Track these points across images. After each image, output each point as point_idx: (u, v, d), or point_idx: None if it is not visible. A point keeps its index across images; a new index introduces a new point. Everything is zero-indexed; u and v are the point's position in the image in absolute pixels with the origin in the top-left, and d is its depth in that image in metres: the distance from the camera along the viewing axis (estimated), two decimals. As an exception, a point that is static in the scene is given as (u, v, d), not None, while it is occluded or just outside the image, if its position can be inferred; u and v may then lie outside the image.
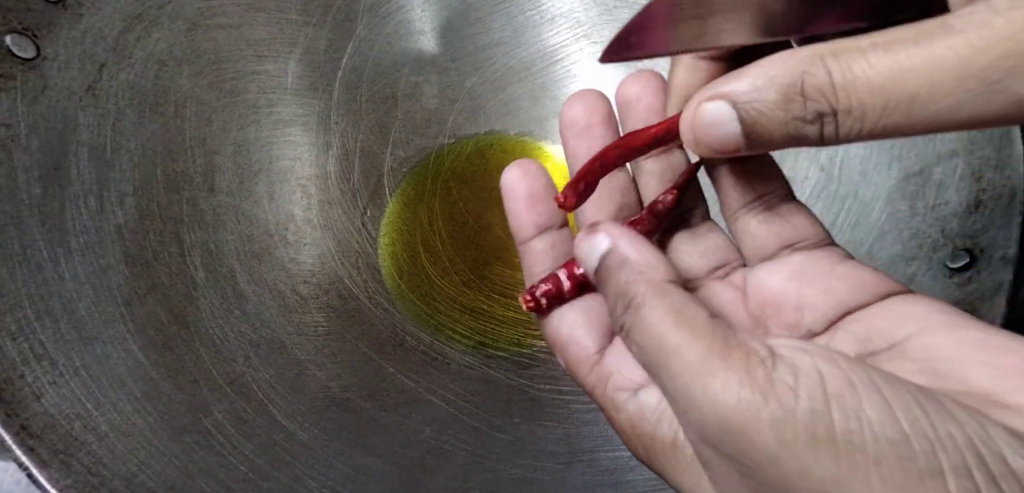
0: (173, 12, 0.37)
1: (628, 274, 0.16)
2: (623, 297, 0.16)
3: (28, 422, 0.27)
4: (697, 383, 0.14)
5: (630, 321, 0.16)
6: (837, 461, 0.12)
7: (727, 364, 0.14)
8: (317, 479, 0.31)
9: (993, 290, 0.31)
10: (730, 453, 0.14)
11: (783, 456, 0.13)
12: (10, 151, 0.30)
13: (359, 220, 0.42)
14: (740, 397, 0.13)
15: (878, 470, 0.12)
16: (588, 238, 0.18)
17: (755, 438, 0.13)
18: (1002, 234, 0.32)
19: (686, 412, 0.15)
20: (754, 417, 0.13)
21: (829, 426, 0.12)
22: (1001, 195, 0.33)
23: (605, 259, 0.17)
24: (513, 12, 0.45)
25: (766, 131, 0.16)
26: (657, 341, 0.15)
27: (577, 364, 0.20)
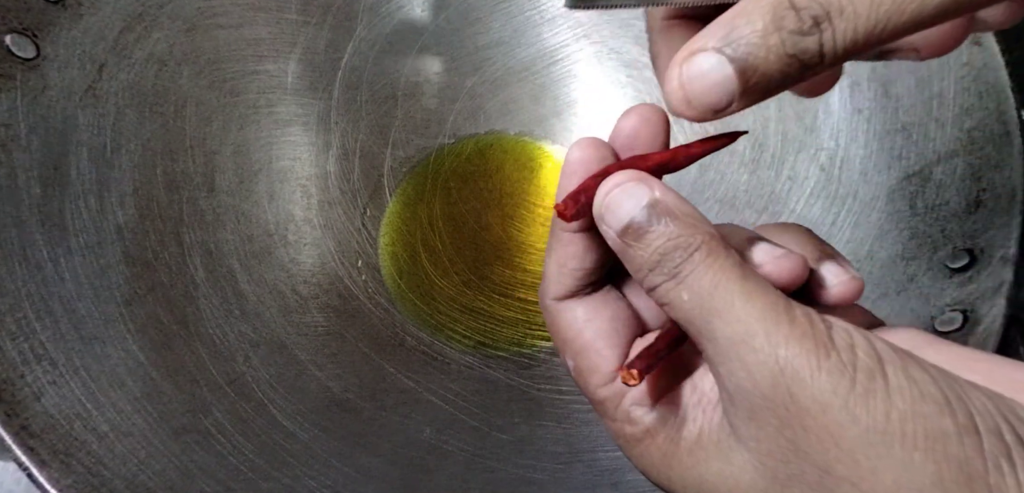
0: (173, 12, 0.37)
1: (683, 224, 0.16)
2: (681, 247, 0.16)
3: (28, 422, 0.27)
4: (759, 330, 0.14)
5: (687, 270, 0.15)
6: (888, 411, 0.13)
7: (790, 319, 0.14)
8: (317, 479, 0.31)
9: (993, 290, 0.31)
10: (778, 401, 0.14)
11: (834, 404, 0.13)
12: (10, 151, 0.30)
13: (359, 220, 0.42)
14: (803, 346, 0.14)
15: (924, 423, 0.13)
16: (626, 186, 0.17)
17: (811, 385, 0.14)
18: (1002, 234, 0.32)
19: (740, 358, 0.15)
20: (814, 366, 0.14)
21: (884, 382, 0.13)
22: (1001, 195, 0.33)
23: (652, 208, 0.16)
24: (513, 12, 0.45)
25: (762, 65, 0.15)
26: (716, 290, 0.15)
27: (590, 373, 0.19)
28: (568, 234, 0.19)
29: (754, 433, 0.15)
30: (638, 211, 0.16)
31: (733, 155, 0.41)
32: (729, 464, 0.16)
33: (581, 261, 0.19)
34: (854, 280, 0.17)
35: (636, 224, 0.16)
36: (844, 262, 0.18)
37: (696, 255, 0.16)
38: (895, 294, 0.34)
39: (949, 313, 0.32)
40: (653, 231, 0.16)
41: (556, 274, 0.19)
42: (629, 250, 0.17)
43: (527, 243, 0.42)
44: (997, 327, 0.30)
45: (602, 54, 0.44)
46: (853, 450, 0.13)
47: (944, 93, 0.35)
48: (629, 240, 0.16)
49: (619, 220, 0.17)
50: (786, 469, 0.14)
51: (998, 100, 0.33)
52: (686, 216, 0.16)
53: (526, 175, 0.44)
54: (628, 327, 0.19)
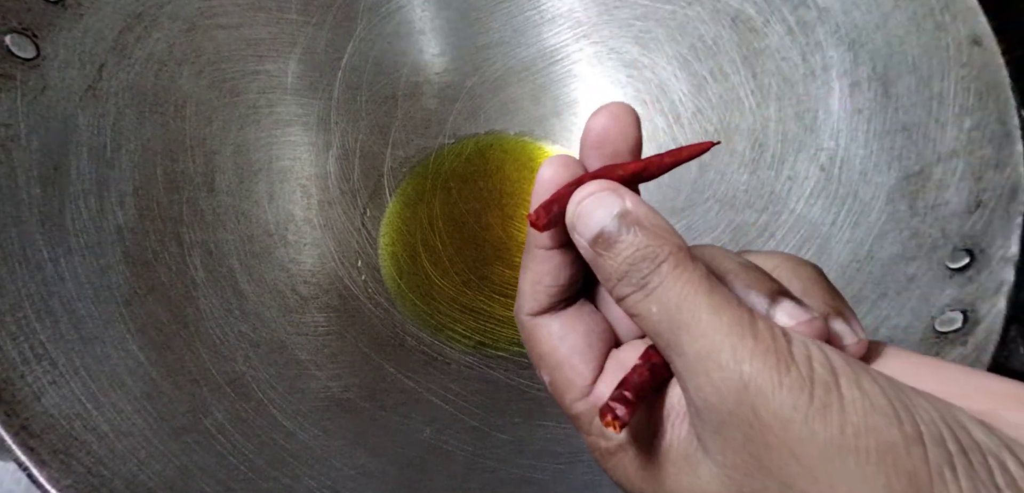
0: (173, 12, 0.37)
1: (652, 235, 0.16)
2: (648, 259, 0.16)
3: (28, 422, 0.27)
4: (726, 345, 0.15)
5: (655, 282, 0.16)
6: (842, 425, 0.13)
7: (754, 333, 0.15)
8: (317, 479, 0.31)
9: (993, 290, 0.31)
10: (743, 417, 0.14)
11: (795, 419, 0.14)
12: (10, 151, 0.30)
13: (359, 220, 0.42)
14: (766, 363, 0.14)
15: (875, 435, 0.13)
16: (598, 196, 0.17)
17: (772, 401, 0.14)
18: (1002, 234, 0.32)
19: (706, 373, 0.15)
20: (776, 383, 0.14)
21: (838, 395, 0.14)
22: (1001, 195, 0.33)
23: (622, 218, 0.16)
24: (513, 12, 0.45)
25: None
26: (683, 303, 0.15)
27: (566, 388, 0.19)
28: (542, 251, 0.19)
29: (720, 447, 0.15)
30: (609, 220, 0.17)
31: (733, 155, 0.41)
32: (697, 478, 0.16)
33: (555, 278, 0.19)
34: (864, 342, 0.18)
35: (607, 233, 0.17)
36: (853, 318, 0.18)
37: (664, 266, 0.16)
38: (895, 294, 0.34)
39: (949, 313, 0.32)
40: (623, 241, 0.16)
41: (530, 291, 0.19)
42: (599, 259, 0.17)
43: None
44: (997, 327, 0.30)
45: (602, 54, 0.44)
46: (812, 465, 0.14)
47: (944, 93, 0.35)
48: (599, 249, 0.17)
49: (590, 229, 0.17)
50: (750, 483, 0.15)
51: (998, 100, 0.33)
52: (655, 227, 0.16)
53: (526, 175, 0.44)
54: (602, 340, 0.19)
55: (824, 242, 0.37)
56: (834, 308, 0.18)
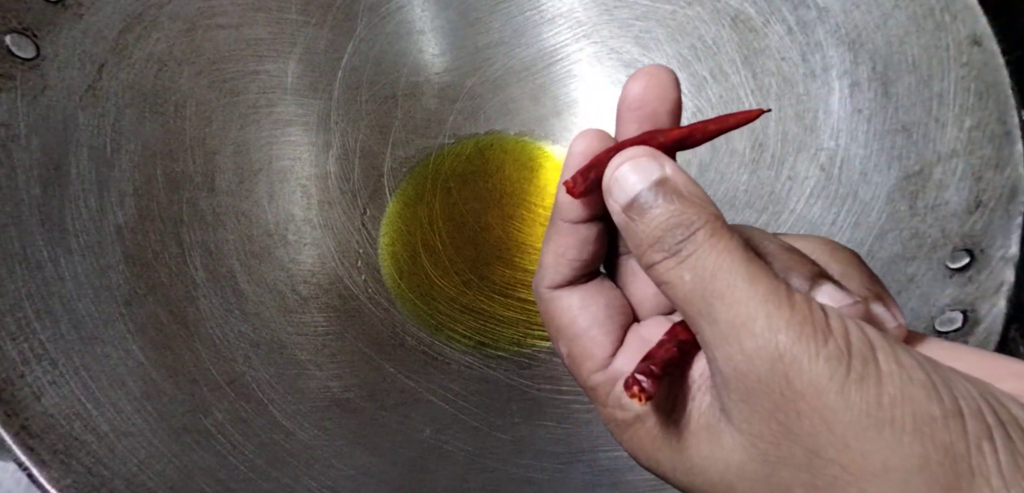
0: (173, 12, 0.37)
1: (689, 203, 0.16)
2: (682, 227, 0.16)
3: (28, 422, 0.27)
4: (760, 313, 0.14)
5: (689, 249, 0.16)
6: (879, 396, 0.13)
7: (791, 304, 0.15)
8: (317, 479, 0.31)
9: (993, 290, 0.31)
10: (774, 385, 0.14)
11: (830, 389, 0.14)
12: (10, 151, 0.30)
13: (359, 220, 0.42)
14: (802, 333, 0.14)
15: (913, 407, 0.13)
16: (636, 161, 0.17)
17: (808, 370, 0.14)
18: (1002, 234, 0.32)
19: (739, 342, 0.15)
20: (813, 353, 0.14)
21: (876, 368, 0.14)
22: (1001, 195, 0.33)
23: (659, 185, 0.16)
24: (513, 12, 0.45)
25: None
26: (719, 271, 0.15)
27: (584, 359, 0.19)
28: (568, 225, 0.19)
29: (747, 416, 0.15)
30: (645, 187, 0.16)
31: (733, 155, 0.41)
32: (719, 447, 0.16)
33: (579, 252, 0.19)
34: (903, 327, 0.18)
35: (642, 201, 0.16)
36: (892, 303, 0.18)
37: (699, 234, 0.16)
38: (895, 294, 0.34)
39: (949, 313, 0.32)
40: (658, 207, 0.16)
41: (553, 263, 0.19)
42: (631, 225, 0.17)
43: (527, 243, 0.42)
44: (997, 327, 0.30)
45: (602, 54, 0.44)
46: (844, 434, 0.14)
47: (944, 93, 0.35)
48: (633, 215, 0.17)
49: (625, 194, 0.17)
50: (776, 451, 0.15)
51: (998, 100, 0.33)
52: (693, 195, 0.16)
53: (526, 175, 0.44)
54: (622, 315, 0.19)
55: (824, 242, 0.37)
56: (874, 292, 0.18)
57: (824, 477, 0.14)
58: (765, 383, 0.14)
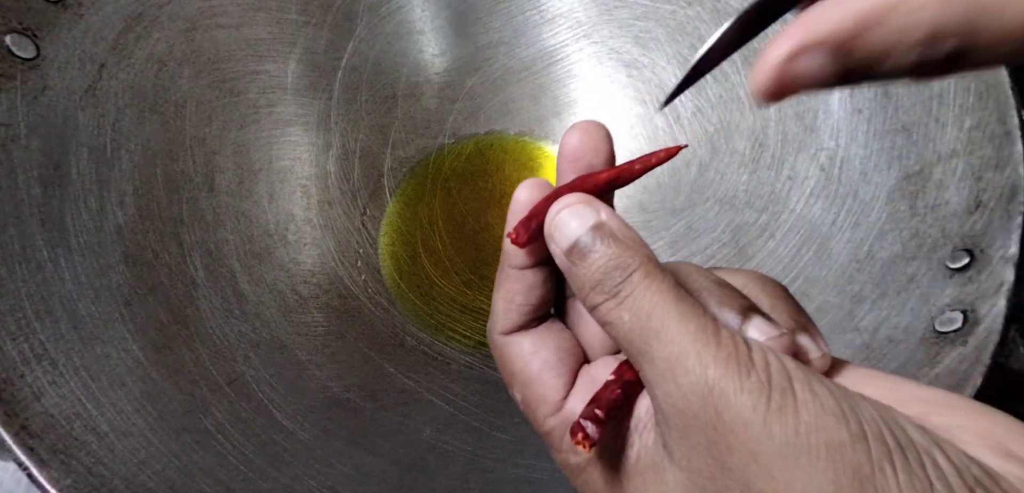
0: (173, 12, 0.37)
1: (624, 246, 0.17)
2: (620, 268, 0.17)
3: (28, 422, 0.27)
4: (692, 351, 0.15)
5: (627, 291, 0.17)
6: (796, 425, 0.14)
7: (718, 341, 0.15)
8: (317, 479, 0.31)
9: (993, 290, 0.31)
10: (707, 420, 0.15)
11: (755, 421, 0.14)
12: (10, 151, 0.30)
13: (359, 220, 0.42)
14: (728, 368, 0.15)
15: (825, 435, 0.14)
16: (573, 208, 0.18)
17: (734, 403, 0.15)
18: (1002, 234, 0.32)
19: (674, 379, 0.15)
20: (738, 387, 0.15)
21: (793, 397, 0.15)
22: (1001, 195, 0.33)
23: (597, 229, 0.17)
24: (513, 12, 0.45)
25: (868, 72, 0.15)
26: (653, 311, 0.16)
27: (538, 404, 0.19)
28: (516, 271, 0.19)
29: (685, 452, 0.16)
30: (583, 232, 0.17)
31: (733, 155, 0.41)
32: (663, 484, 0.17)
33: (527, 297, 0.19)
34: (827, 356, 0.18)
35: (581, 245, 0.17)
36: (817, 334, 0.19)
37: (634, 276, 0.17)
38: (895, 294, 0.34)
39: (949, 313, 0.32)
40: (596, 251, 0.17)
41: (503, 309, 0.20)
42: (574, 269, 0.18)
43: (527, 243, 0.42)
44: (997, 327, 0.30)
45: (602, 54, 0.44)
46: (770, 465, 0.14)
47: (944, 93, 0.35)
48: (574, 259, 0.17)
49: (566, 239, 0.18)
50: (713, 486, 0.15)
51: (998, 100, 0.33)
52: (627, 239, 0.17)
53: (526, 175, 0.44)
54: (573, 356, 0.20)
55: (824, 242, 0.37)
56: (800, 324, 0.18)
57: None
58: (699, 418, 0.15)
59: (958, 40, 0.13)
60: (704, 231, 0.41)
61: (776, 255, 0.39)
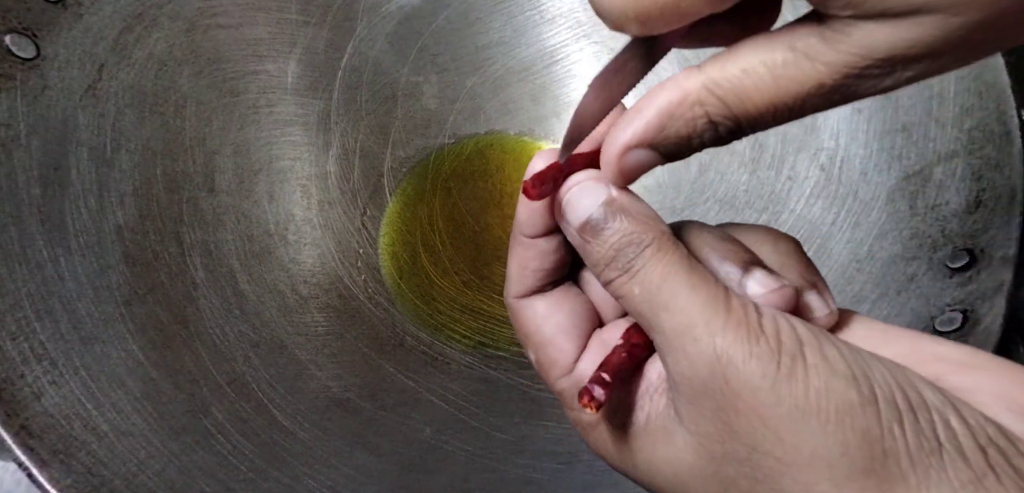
0: (173, 12, 0.37)
1: (636, 221, 0.17)
2: (633, 242, 0.17)
3: (28, 422, 0.27)
4: (700, 320, 0.16)
5: (640, 264, 0.17)
6: (806, 389, 0.14)
7: (728, 309, 0.16)
8: (317, 479, 0.31)
9: (993, 290, 0.31)
10: (715, 387, 0.15)
11: (763, 387, 0.15)
12: (10, 151, 0.30)
13: (359, 220, 0.42)
14: (737, 335, 0.15)
15: (835, 397, 0.14)
16: (585, 185, 0.18)
17: (743, 370, 0.15)
18: (1002, 234, 0.32)
19: (682, 348, 0.16)
20: (747, 354, 0.15)
21: (803, 363, 0.15)
22: (1001, 195, 0.33)
23: (608, 205, 0.18)
24: (513, 12, 0.45)
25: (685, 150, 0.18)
26: (663, 283, 0.16)
27: (551, 366, 0.20)
28: (528, 238, 0.20)
29: (694, 417, 0.16)
30: (595, 208, 0.18)
31: (733, 155, 0.41)
32: (673, 447, 0.17)
33: (540, 263, 0.20)
34: (835, 313, 0.19)
35: (594, 221, 0.18)
36: (826, 291, 0.19)
37: (647, 251, 0.17)
38: (895, 294, 0.34)
39: (949, 313, 0.32)
40: (609, 227, 0.17)
41: (518, 274, 0.20)
42: (587, 246, 0.18)
43: (527, 243, 0.42)
44: (997, 327, 0.30)
45: (602, 54, 0.44)
46: (778, 428, 0.15)
47: (944, 93, 0.35)
48: (587, 236, 0.18)
49: (578, 216, 0.18)
50: (721, 449, 0.16)
51: (998, 100, 0.33)
52: (640, 214, 0.18)
53: (526, 175, 0.44)
54: (586, 320, 0.20)
55: (824, 242, 0.37)
56: (809, 281, 0.19)
57: (762, 469, 0.15)
58: (707, 385, 0.15)
59: (732, 121, 0.16)
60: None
61: (776, 255, 0.38)
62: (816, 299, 0.18)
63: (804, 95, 0.15)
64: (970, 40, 0.14)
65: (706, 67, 0.17)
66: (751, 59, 0.16)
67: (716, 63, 0.16)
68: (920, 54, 0.14)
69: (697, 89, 0.16)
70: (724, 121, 0.16)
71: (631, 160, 0.18)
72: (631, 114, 0.17)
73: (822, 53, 0.15)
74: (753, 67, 0.16)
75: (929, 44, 0.14)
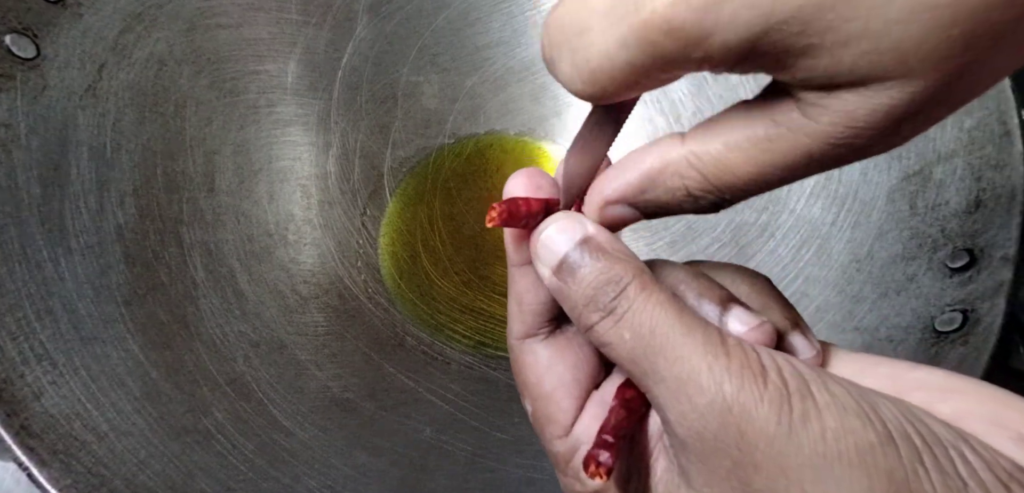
0: (173, 12, 0.37)
1: (615, 259, 0.16)
2: (612, 284, 0.16)
3: (28, 422, 0.27)
4: (702, 366, 0.14)
5: (623, 306, 0.16)
6: (822, 431, 0.13)
7: (727, 351, 0.15)
8: (317, 479, 0.31)
9: (993, 290, 0.31)
10: (729, 440, 0.14)
11: (779, 434, 0.14)
12: (10, 151, 0.30)
13: (359, 220, 0.42)
14: (743, 379, 0.14)
15: (853, 438, 0.13)
16: (559, 224, 0.17)
17: (756, 418, 0.14)
18: (1002, 234, 0.32)
19: (688, 399, 0.15)
20: (757, 399, 0.14)
21: (813, 402, 0.14)
22: (1001, 195, 0.33)
23: (585, 245, 0.17)
24: (513, 12, 0.45)
25: (666, 212, 0.17)
26: (656, 327, 0.15)
27: (548, 422, 0.19)
28: (518, 270, 0.19)
29: (706, 477, 0.15)
30: (571, 248, 0.17)
31: (733, 155, 0.41)
32: None
33: (535, 294, 0.19)
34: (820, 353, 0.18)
35: (570, 261, 0.17)
36: (808, 330, 0.18)
37: (629, 289, 0.16)
38: (895, 294, 0.34)
39: (949, 313, 0.32)
40: (586, 266, 0.16)
41: (517, 312, 0.19)
42: (564, 288, 0.17)
43: (527, 243, 0.42)
44: (997, 327, 0.30)
45: (602, 54, 0.44)
46: (800, 478, 0.13)
47: (944, 93, 0.35)
48: (564, 277, 0.17)
49: (554, 256, 0.17)
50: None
51: (998, 100, 0.33)
52: (617, 251, 0.17)
53: (526, 175, 0.44)
54: (588, 376, 0.19)
55: (824, 242, 0.37)
56: (790, 320, 0.18)
57: None
58: (721, 440, 0.14)
59: (714, 194, 0.16)
60: (704, 231, 0.41)
61: (776, 255, 0.39)
62: (800, 340, 0.17)
63: (792, 166, 0.15)
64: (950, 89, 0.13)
65: (689, 139, 0.16)
66: (733, 133, 0.15)
67: (698, 135, 0.16)
68: (902, 115, 0.14)
69: (678, 161, 0.16)
70: (705, 195, 0.16)
71: (611, 213, 0.17)
72: (616, 169, 0.17)
73: (804, 125, 0.14)
74: (736, 142, 0.15)
75: (906, 105, 0.13)
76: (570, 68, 0.15)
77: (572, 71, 0.15)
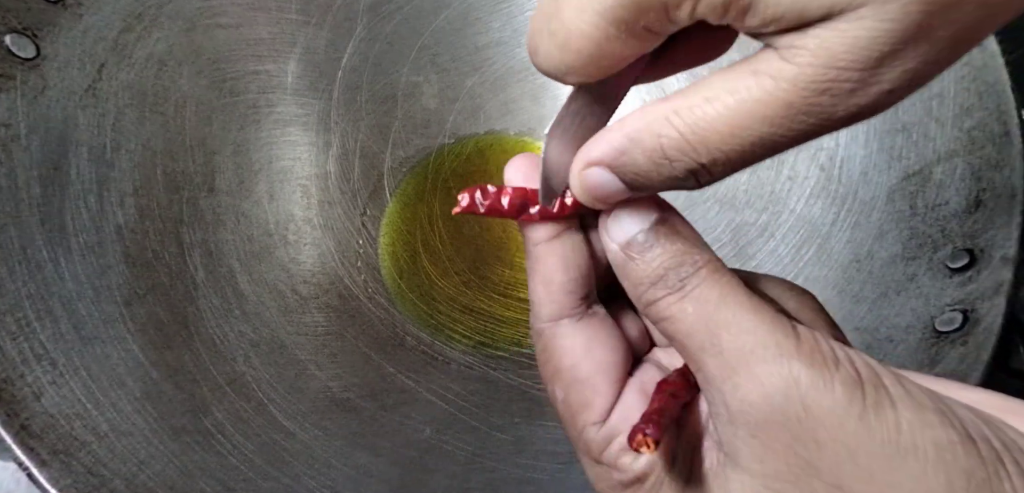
0: (173, 12, 0.37)
1: (686, 243, 0.16)
2: (688, 262, 0.16)
3: (28, 422, 0.27)
4: (771, 341, 0.14)
5: (695, 282, 0.16)
6: (897, 423, 0.13)
7: (797, 335, 0.14)
8: (317, 479, 0.31)
9: (993, 290, 0.31)
10: (791, 414, 0.14)
11: (850, 417, 0.13)
12: (10, 151, 0.30)
13: (359, 220, 0.42)
14: (813, 361, 0.14)
15: (931, 433, 0.13)
16: (631, 208, 0.17)
17: (825, 398, 0.14)
18: (1002, 234, 0.32)
19: (746, 371, 0.14)
20: (827, 379, 0.14)
21: (887, 394, 0.14)
22: (1001, 195, 0.33)
23: (655, 227, 0.17)
24: (513, 12, 0.45)
25: (647, 184, 0.16)
26: (723, 301, 0.15)
27: (582, 408, 0.18)
28: (544, 247, 0.18)
29: (759, 454, 0.14)
30: (645, 226, 0.17)
31: (733, 155, 0.41)
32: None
33: (565, 270, 0.18)
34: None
35: (640, 241, 0.17)
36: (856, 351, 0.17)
37: (703, 270, 0.16)
38: (895, 294, 0.34)
39: (949, 313, 0.32)
40: (659, 245, 0.16)
41: (544, 295, 0.18)
42: (631, 263, 0.17)
43: (527, 243, 0.42)
44: (997, 327, 0.30)
45: (602, 54, 0.44)
46: (870, 464, 0.13)
47: (944, 93, 0.35)
48: (632, 253, 0.17)
49: (624, 232, 0.17)
50: (795, 488, 0.14)
51: (998, 100, 0.33)
52: (693, 236, 0.17)
53: (526, 175, 0.44)
54: (624, 361, 0.18)
55: (824, 242, 0.37)
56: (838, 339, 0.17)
57: None
58: (781, 412, 0.14)
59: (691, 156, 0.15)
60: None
61: (776, 255, 0.39)
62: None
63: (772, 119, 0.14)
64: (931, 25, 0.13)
65: (672, 97, 0.15)
66: (714, 87, 0.15)
67: (681, 92, 0.15)
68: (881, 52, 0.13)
69: (657, 117, 0.15)
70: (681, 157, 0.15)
71: (591, 177, 0.16)
72: (602, 132, 0.16)
73: (782, 70, 0.14)
74: (716, 94, 0.15)
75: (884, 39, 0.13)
76: (548, 44, 0.15)
77: (550, 46, 0.15)
